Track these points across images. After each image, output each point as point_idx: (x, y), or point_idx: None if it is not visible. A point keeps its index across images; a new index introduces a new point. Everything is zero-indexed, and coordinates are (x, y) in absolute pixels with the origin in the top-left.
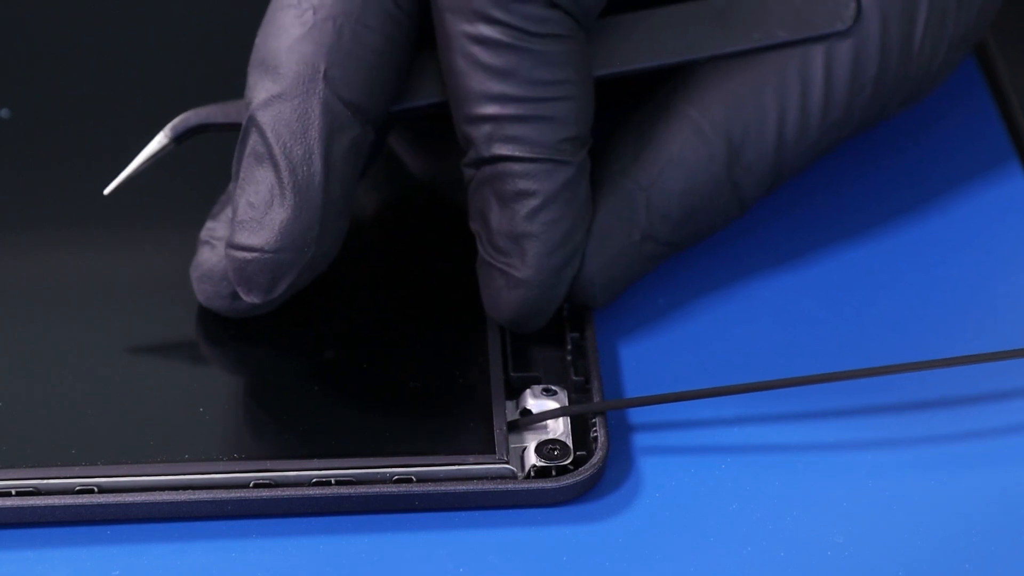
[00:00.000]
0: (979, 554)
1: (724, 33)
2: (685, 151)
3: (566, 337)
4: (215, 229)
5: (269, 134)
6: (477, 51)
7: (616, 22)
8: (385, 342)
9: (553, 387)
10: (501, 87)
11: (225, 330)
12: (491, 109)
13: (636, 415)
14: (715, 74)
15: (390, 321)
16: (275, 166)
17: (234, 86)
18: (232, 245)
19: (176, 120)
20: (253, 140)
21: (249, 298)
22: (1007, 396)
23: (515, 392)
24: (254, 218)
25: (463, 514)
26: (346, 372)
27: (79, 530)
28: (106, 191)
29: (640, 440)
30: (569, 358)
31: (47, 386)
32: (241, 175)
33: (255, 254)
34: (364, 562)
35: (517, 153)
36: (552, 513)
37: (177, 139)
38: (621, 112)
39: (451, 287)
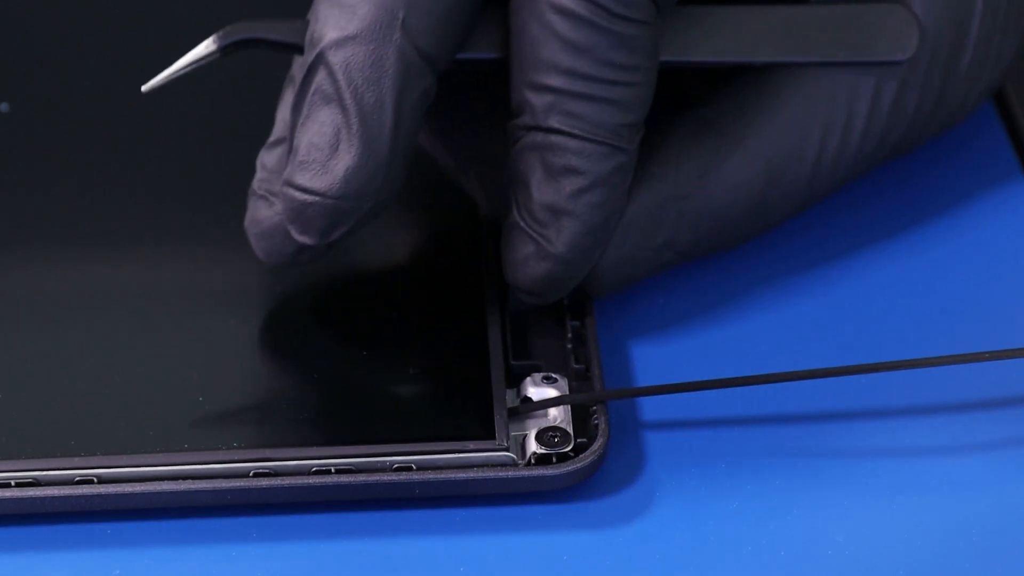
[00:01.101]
0: (979, 554)
1: (786, 42)
2: (727, 169)
3: (566, 325)
4: (270, 182)
5: (340, 76)
6: (556, 21)
7: (681, 12)
8: (385, 329)
9: (554, 375)
10: (572, 62)
11: (224, 319)
12: (558, 81)
13: (637, 407)
14: (767, 95)
15: (390, 308)
16: (344, 110)
17: (235, 83)
18: (292, 184)
19: (226, 29)
20: (320, 78)
21: (302, 239)
22: (1008, 398)
23: (515, 380)
24: (318, 160)
25: (463, 511)
26: (345, 360)
27: (79, 530)
28: (144, 88)
29: (640, 436)
30: (569, 346)
31: (46, 377)
32: (305, 112)
33: (316, 198)
34: (365, 562)
35: (576, 131)
36: (552, 509)
37: (223, 49)
38: (666, 112)
39: (452, 274)
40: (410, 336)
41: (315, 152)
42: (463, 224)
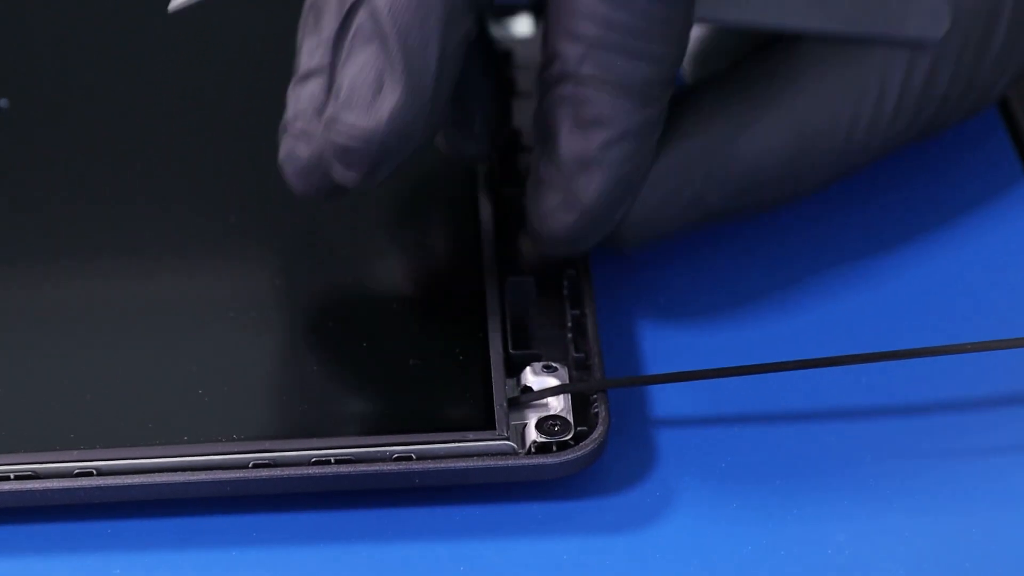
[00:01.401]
0: (980, 554)
1: (820, 10)
2: (758, 133)
3: (566, 314)
4: (307, 120)
5: (384, 15)
6: None
7: None
8: (384, 320)
9: (554, 364)
10: (611, 11)
11: (223, 310)
12: (595, 31)
13: (636, 407)
14: (799, 65)
15: (389, 299)
16: (387, 50)
17: (236, 79)
18: (336, 123)
19: None
20: (363, 17)
21: (345, 177)
22: (1008, 396)
23: (515, 369)
24: (362, 100)
25: (464, 511)
26: (345, 350)
27: (79, 530)
28: (170, 8)
29: (640, 435)
30: (570, 335)
31: (45, 371)
32: (347, 50)
33: (361, 138)
34: (366, 563)
35: (608, 82)
36: (551, 509)
37: None
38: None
39: (451, 264)
40: (410, 326)
41: (359, 92)
42: (462, 214)
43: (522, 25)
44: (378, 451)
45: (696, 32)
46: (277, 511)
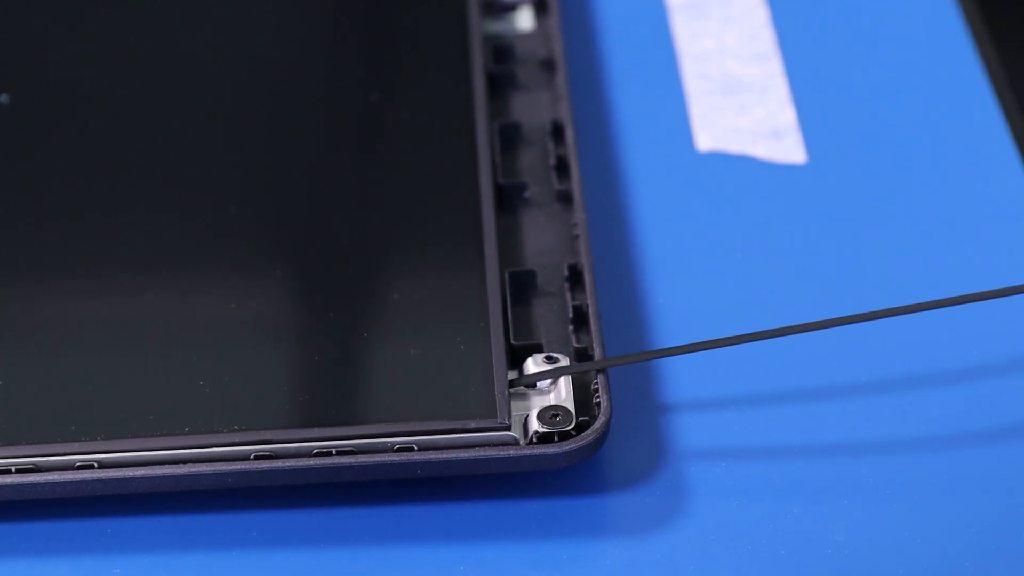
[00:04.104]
0: (979, 553)
1: None
2: None
3: (568, 305)
4: None
5: None
6: None
7: None
8: (386, 311)
9: (555, 355)
10: None
11: (223, 302)
12: None
13: (640, 398)
14: None
15: (391, 289)
16: None
17: (240, 77)
18: None
19: None
20: None
21: None
22: (1008, 396)
23: (517, 360)
24: None
25: (466, 506)
26: (346, 341)
27: (79, 529)
28: None
29: (639, 437)
30: (571, 326)
31: (45, 363)
32: None
33: None
34: (366, 563)
35: None
36: (550, 507)
37: None
38: None
39: (453, 254)
40: (411, 317)
41: None
42: (464, 204)
43: (523, 20)
44: (380, 442)
45: None
46: (277, 510)
